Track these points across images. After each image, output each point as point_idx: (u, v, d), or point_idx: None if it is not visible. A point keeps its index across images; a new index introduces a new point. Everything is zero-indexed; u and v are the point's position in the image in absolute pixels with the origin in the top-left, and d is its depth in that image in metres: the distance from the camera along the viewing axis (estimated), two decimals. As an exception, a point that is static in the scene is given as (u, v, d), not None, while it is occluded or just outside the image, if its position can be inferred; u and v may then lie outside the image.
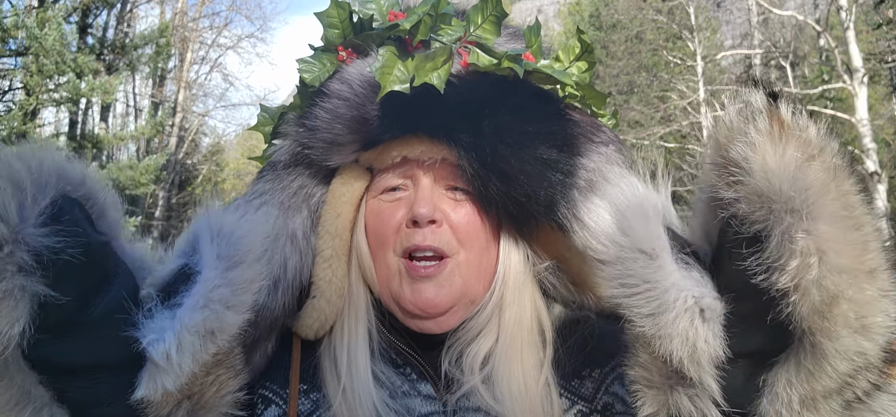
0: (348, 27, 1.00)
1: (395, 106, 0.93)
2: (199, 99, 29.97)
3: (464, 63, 0.96)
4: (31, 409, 0.71)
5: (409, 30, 0.95)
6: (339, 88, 0.96)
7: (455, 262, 0.96)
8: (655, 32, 24.68)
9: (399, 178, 0.99)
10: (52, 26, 15.10)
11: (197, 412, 0.80)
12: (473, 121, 0.92)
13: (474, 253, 0.97)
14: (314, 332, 0.99)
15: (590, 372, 1.00)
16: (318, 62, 1.00)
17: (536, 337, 0.99)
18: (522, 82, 0.95)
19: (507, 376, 0.94)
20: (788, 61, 23.10)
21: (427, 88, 0.91)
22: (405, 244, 0.95)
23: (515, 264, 1.00)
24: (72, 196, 0.74)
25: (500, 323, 0.98)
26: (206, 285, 0.76)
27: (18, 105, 15.78)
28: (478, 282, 0.98)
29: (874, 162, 16.58)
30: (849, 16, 16.26)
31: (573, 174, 0.93)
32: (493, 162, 0.91)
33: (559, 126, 0.95)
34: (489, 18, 0.99)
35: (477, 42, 0.98)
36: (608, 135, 1.00)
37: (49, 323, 0.68)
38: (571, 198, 0.92)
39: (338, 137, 0.95)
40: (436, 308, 0.95)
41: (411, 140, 0.95)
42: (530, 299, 1.00)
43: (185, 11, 27.72)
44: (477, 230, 0.97)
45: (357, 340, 0.97)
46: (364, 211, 1.01)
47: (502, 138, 0.91)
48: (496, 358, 0.96)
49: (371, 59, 0.97)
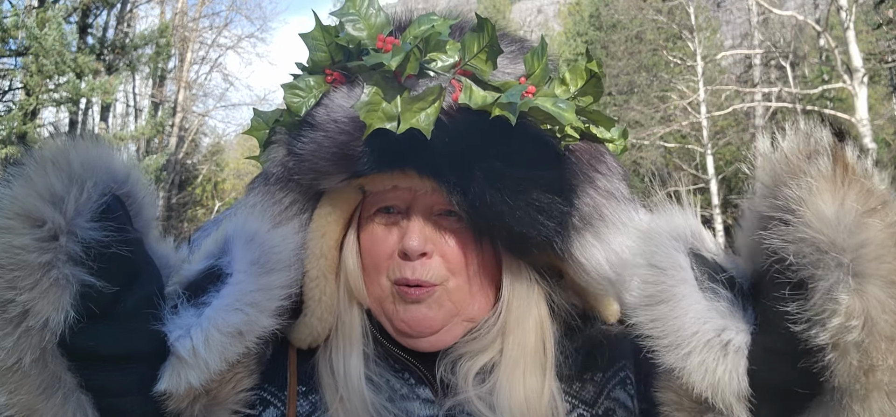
0: (336, 50, 0.95)
1: (381, 143, 0.90)
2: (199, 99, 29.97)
3: (455, 97, 0.91)
4: (61, 395, 0.74)
5: (394, 69, 0.89)
6: (324, 121, 0.93)
7: (444, 289, 0.95)
8: (655, 32, 24.68)
9: (392, 200, 0.97)
10: (52, 26, 15.10)
11: (212, 407, 0.83)
12: (462, 165, 0.89)
13: (464, 279, 0.96)
14: (307, 345, 0.99)
15: (592, 376, 1.00)
16: (304, 86, 0.95)
17: (540, 353, 0.98)
18: (517, 124, 0.89)
19: (509, 391, 0.94)
20: (788, 61, 23.10)
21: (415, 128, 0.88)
22: (396, 274, 0.95)
23: (519, 288, 0.98)
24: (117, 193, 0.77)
25: (503, 345, 0.97)
26: (241, 288, 0.79)
27: (18, 105, 15.78)
28: (472, 304, 0.97)
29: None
30: (849, 16, 16.26)
31: (567, 216, 0.91)
32: (481, 206, 0.89)
33: (555, 171, 0.92)
34: (484, 50, 0.92)
35: (472, 72, 0.93)
36: (610, 166, 0.97)
37: (87, 312, 0.71)
38: (566, 237, 0.91)
39: (323, 169, 0.94)
40: (427, 327, 0.94)
41: (401, 172, 0.94)
42: (535, 321, 0.98)
43: (185, 11, 27.72)
44: (469, 257, 0.96)
45: (351, 351, 0.97)
46: (354, 230, 1.00)
47: (492, 184, 0.89)
48: (499, 374, 0.95)
49: (358, 89, 0.92)
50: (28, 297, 0.67)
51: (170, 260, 0.85)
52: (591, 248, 0.91)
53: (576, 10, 32.27)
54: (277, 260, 0.84)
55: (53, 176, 0.70)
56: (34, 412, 0.72)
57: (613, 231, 0.93)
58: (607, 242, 0.92)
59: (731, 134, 25.18)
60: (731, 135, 25.14)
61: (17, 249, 0.67)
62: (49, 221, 0.68)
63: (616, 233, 0.93)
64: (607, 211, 0.94)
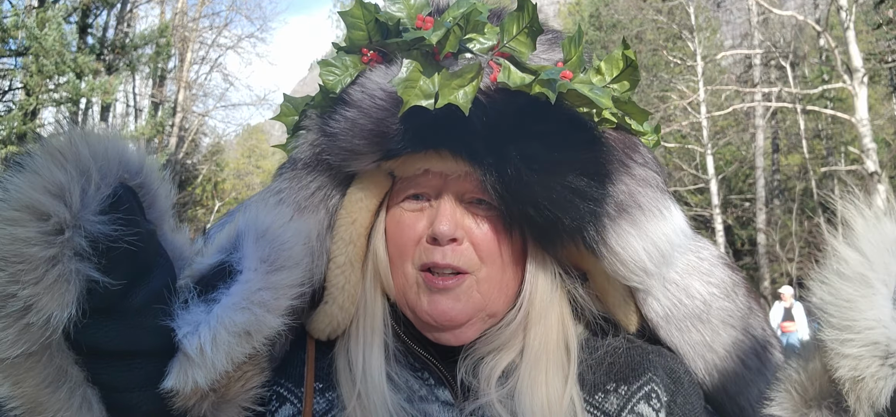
0: (373, 29, 0.95)
1: (417, 121, 0.89)
2: (199, 99, 29.96)
3: (493, 78, 0.91)
4: (67, 388, 0.72)
5: (435, 44, 0.89)
6: (360, 98, 0.92)
7: (474, 278, 0.93)
8: (655, 32, 24.68)
9: (422, 187, 0.96)
10: (52, 26, 15.10)
11: (220, 405, 0.82)
12: (499, 145, 0.88)
13: (496, 268, 0.94)
14: (326, 336, 0.97)
15: (615, 388, 0.97)
16: (340, 64, 0.95)
17: (562, 354, 0.96)
18: (554, 105, 0.88)
19: (530, 394, 0.92)
20: (788, 61, 23.10)
21: (451, 105, 0.87)
22: (424, 259, 0.93)
23: (543, 282, 0.96)
24: (129, 184, 0.75)
25: (525, 341, 0.96)
26: (249, 287, 0.77)
27: (18, 105, 15.78)
28: (498, 298, 0.95)
29: (874, 162, 16.57)
30: (849, 16, 16.25)
31: (603, 202, 0.89)
32: (516, 188, 0.88)
33: (591, 153, 0.91)
34: (524, 31, 0.92)
35: (510, 54, 0.93)
36: (645, 156, 0.96)
37: (94, 307, 0.69)
38: (600, 224, 0.89)
39: (356, 147, 0.92)
40: (452, 320, 0.92)
41: (434, 154, 0.92)
42: (557, 317, 0.97)
43: (185, 11, 27.71)
44: (500, 246, 0.94)
45: (372, 345, 0.95)
46: (383, 217, 0.98)
47: (528, 165, 0.87)
48: (520, 376, 0.93)
49: (395, 68, 0.92)
50: (31, 292, 0.65)
51: (184, 252, 0.82)
52: (627, 236, 0.90)
53: (576, 10, 32.28)
54: (288, 257, 0.81)
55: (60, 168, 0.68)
56: (39, 404, 0.71)
57: (651, 219, 0.91)
58: (645, 230, 0.91)
59: (731, 134, 25.18)
60: (731, 135, 25.14)
61: (22, 242, 0.65)
62: (54, 215, 0.66)
63: (655, 222, 0.91)
64: (644, 199, 0.92)
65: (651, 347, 1.01)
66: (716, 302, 0.99)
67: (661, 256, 0.92)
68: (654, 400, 0.97)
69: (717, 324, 0.99)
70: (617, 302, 0.98)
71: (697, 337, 0.98)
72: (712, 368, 0.99)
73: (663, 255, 0.92)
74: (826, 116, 22.33)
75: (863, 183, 19.64)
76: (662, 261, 0.93)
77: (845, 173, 22.35)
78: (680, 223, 0.96)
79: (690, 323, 0.98)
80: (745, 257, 25.34)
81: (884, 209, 0.80)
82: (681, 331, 0.98)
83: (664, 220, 0.93)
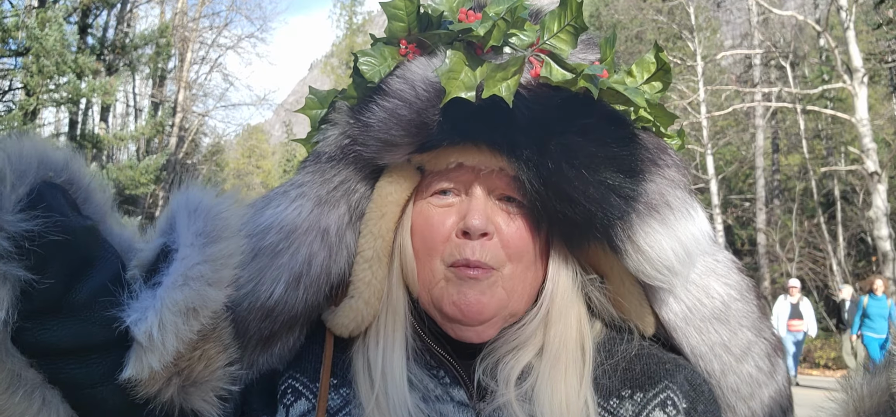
0: (414, 21, 0.95)
1: (457, 113, 0.89)
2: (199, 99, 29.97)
3: (534, 73, 0.91)
4: (23, 392, 0.71)
5: (482, 36, 0.90)
6: (401, 88, 0.92)
7: (500, 275, 0.93)
8: (655, 32, 24.67)
9: (452, 182, 0.95)
10: (53, 26, 15.11)
11: (188, 388, 0.80)
12: (539, 139, 0.88)
13: (521, 267, 0.94)
14: (349, 332, 0.96)
15: (631, 394, 0.96)
16: (378, 55, 0.95)
17: (579, 354, 0.96)
18: (593, 101, 0.90)
19: (549, 394, 0.91)
20: (788, 61, 23.10)
21: (493, 98, 0.87)
22: (455, 256, 0.92)
23: (564, 280, 0.96)
24: (54, 181, 0.73)
25: (545, 339, 0.95)
26: (185, 263, 0.75)
27: (18, 105, 15.78)
28: (521, 297, 0.95)
29: (874, 162, 16.57)
30: (849, 16, 16.25)
31: (635, 199, 0.90)
32: (556, 181, 0.88)
33: (628, 150, 0.91)
34: (566, 28, 0.93)
35: (550, 51, 0.93)
36: (673, 158, 0.97)
37: (34, 308, 0.68)
38: (629, 221, 0.90)
39: (393, 138, 0.92)
40: (478, 314, 0.91)
41: (470, 147, 0.92)
42: (576, 317, 0.97)
43: (185, 11, 27.72)
44: (527, 245, 0.94)
45: (393, 344, 0.94)
46: (410, 212, 0.98)
47: (568, 159, 0.88)
48: (539, 375, 0.93)
49: (436, 59, 0.93)
50: None
51: (133, 244, 0.80)
52: (656, 235, 0.90)
53: (576, 10, 32.24)
54: (223, 227, 0.78)
55: None
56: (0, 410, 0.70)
57: (680, 219, 0.92)
58: (674, 230, 0.91)
59: (731, 134, 25.17)
60: (731, 135, 25.14)
61: None
62: None
63: (683, 222, 0.92)
64: (673, 199, 0.92)
65: (668, 355, 1.00)
66: (733, 303, 0.99)
67: (686, 256, 0.92)
68: (669, 408, 0.96)
69: (734, 325, 0.99)
70: (633, 305, 0.98)
71: (716, 337, 0.98)
72: (729, 369, 0.99)
73: (689, 255, 0.92)
74: (826, 116, 22.33)
75: (863, 183, 19.66)
76: (688, 261, 0.93)
77: (845, 173, 22.37)
78: (704, 225, 0.96)
79: (710, 324, 0.98)
80: (745, 257, 25.32)
81: None
82: (700, 332, 0.98)
83: (691, 221, 0.93)
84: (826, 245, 20.57)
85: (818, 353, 17.39)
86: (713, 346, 0.98)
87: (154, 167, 18.81)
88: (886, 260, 16.58)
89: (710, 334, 0.98)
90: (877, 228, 16.77)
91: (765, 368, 0.99)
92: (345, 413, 0.94)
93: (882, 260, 16.83)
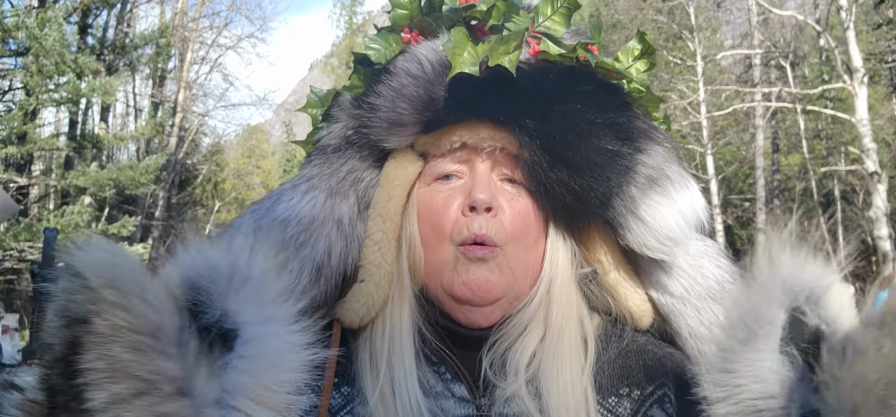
0: (416, 8, 1.00)
1: (463, 88, 0.92)
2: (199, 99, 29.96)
3: (533, 51, 0.96)
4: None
5: (483, 13, 0.95)
6: (407, 66, 0.95)
7: (503, 254, 0.94)
8: (655, 32, 24.67)
9: (455, 164, 0.97)
10: (53, 26, 15.10)
11: None
12: (542, 108, 0.92)
13: (522, 248, 0.95)
14: (360, 318, 0.95)
15: (628, 392, 0.96)
16: (383, 41, 0.99)
17: (580, 339, 0.97)
18: (590, 73, 0.95)
19: (554, 377, 0.92)
20: (788, 61, 23.10)
21: (497, 73, 0.90)
22: (465, 233, 0.93)
23: (563, 261, 0.98)
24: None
25: (546, 319, 0.96)
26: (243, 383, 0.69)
27: (18, 105, 15.78)
28: (524, 279, 0.96)
29: (874, 162, 16.57)
30: (849, 16, 16.25)
31: (634, 169, 0.93)
32: (559, 149, 0.91)
33: (625, 118, 0.95)
34: (560, 10, 0.99)
35: (545, 33, 0.99)
36: (664, 136, 1.00)
37: None
38: (630, 193, 0.92)
39: (401, 116, 0.94)
40: (487, 292, 0.92)
41: (474, 125, 0.95)
42: (576, 299, 0.99)
43: (185, 11, 27.72)
44: (528, 225, 0.96)
45: (401, 331, 0.95)
46: (415, 200, 0.99)
47: (570, 126, 0.91)
48: (542, 356, 0.94)
49: (439, 42, 0.97)
50: None
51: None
52: (658, 207, 0.92)
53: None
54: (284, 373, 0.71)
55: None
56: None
57: (679, 189, 0.94)
58: (675, 201, 0.93)
59: (731, 134, 25.17)
60: (731, 135, 25.13)
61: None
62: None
63: (681, 192, 0.94)
64: (671, 172, 0.95)
65: (665, 349, 1.01)
66: (727, 284, 1.01)
67: (686, 225, 0.94)
68: (667, 404, 0.97)
69: None
70: (629, 295, 0.99)
71: (713, 317, 1.00)
72: None
73: (689, 224, 0.95)
74: (826, 116, 22.33)
75: (863, 183, 19.66)
76: (688, 231, 0.95)
77: (845, 173, 22.37)
78: (700, 199, 0.98)
79: (706, 303, 1.00)
80: (746, 257, 25.29)
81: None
82: (698, 311, 0.99)
83: (689, 192, 0.96)
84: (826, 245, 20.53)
85: (818, 353, 17.37)
86: (711, 326, 0.99)
87: (154, 167, 18.79)
88: (886, 260, 16.59)
89: (707, 313, 0.99)
90: (877, 228, 16.77)
91: None
92: (346, 411, 0.94)
93: (882, 260, 16.83)
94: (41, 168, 19.22)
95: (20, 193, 18.23)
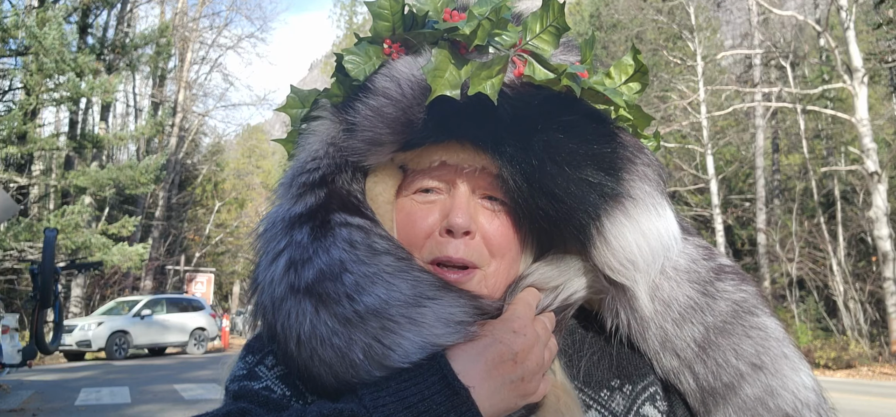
0: (399, 21, 0.97)
1: (443, 110, 0.91)
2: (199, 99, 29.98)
3: (518, 73, 0.93)
4: None
5: (467, 37, 0.92)
6: (387, 86, 0.93)
7: (483, 273, 0.94)
8: (655, 32, 24.69)
9: (434, 181, 0.96)
10: (53, 26, 15.11)
11: None
12: (523, 136, 0.90)
13: (505, 263, 0.95)
14: None
15: (620, 385, 0.97)
16: (363, 54, 0.97)
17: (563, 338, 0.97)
18: (575, 100, 0.92)
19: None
20: (788, 61, 23.11)
21: (478, 96, 0.89)
22: (436, 253, 0.93)
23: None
24: None
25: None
26: None
27: (18, 105, 15.79)
28: (503, 293, 0.96)
29: (874, 162, 16.58)
30: (849, 16, 16.26)
31: (611, 196, 0.92)
32: (538, 178, 0.90)
33: (609, 148, 0.93)
34: (549, 29, 0.95)
35: (533, 52, 0.95)
36: (649, 157, 0.99)
37: None
38: (601, 217, 0.91)
39: (379, 136, 0.93)
40: None
41: (454, 146, 0.93)
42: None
43: (185, 11, 27.73)
44: (510, 241, 0.95)
45: None
46: (395, 205, 0.99)
47: (551, 156, 0.90)
48: None
49: (421, 58, 0.94)
50: None
51: None
52: (620, 227, 0.91)
53: (576, 10, 32.27)
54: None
55: None
56: None
57: (643, 211, 0.93)
58: (637, 222, 0.92)
59: (731, 134, 25.19)
60: (731, 135, 25.15)
61: None
62: None
63: (647, 216, 0.93)
64: (638, 192, 0.93)
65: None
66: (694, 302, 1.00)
67: (650, 253, 0.93)
68: (658, 401, 0.98)
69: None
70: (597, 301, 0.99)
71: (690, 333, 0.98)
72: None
73: (653, 252, 0.93)
74: (826, 116, 22.35)
75: (863, 183, 19.66)
76: (652, 259, 0.93)
77: (845, 173, 22.38)
78: (672, 226, 0.96)
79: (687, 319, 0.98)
80: (745, 257, 25.33)
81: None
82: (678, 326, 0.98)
83: (657, 217, 0.94)
84: (826, 245, 20.56)
85: (818, 353, 17.38)
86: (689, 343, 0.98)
87: (154, 167, 18.80)
88: (886, 260, 16.59)
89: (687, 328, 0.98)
90: (877, 228, 16.78)
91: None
92: None
93: (882, 259, 16.84)
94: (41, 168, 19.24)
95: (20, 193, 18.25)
